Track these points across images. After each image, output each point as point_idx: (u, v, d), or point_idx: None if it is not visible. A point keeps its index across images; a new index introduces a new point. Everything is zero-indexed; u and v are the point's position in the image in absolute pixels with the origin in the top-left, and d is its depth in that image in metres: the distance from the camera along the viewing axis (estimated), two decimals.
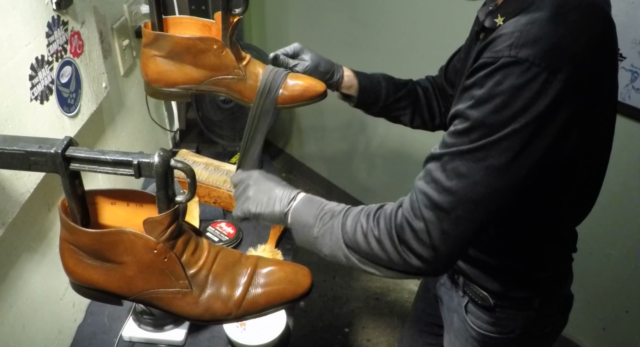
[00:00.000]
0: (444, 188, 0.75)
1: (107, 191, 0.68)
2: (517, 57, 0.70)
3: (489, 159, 0.73)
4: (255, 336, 1.13)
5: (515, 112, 0.71)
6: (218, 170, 1.55)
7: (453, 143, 0.76)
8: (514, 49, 0.71)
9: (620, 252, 1.79)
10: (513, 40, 0.71)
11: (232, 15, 0.99)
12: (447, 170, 0.75)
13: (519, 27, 0.72)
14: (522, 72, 0.70)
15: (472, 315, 1.08)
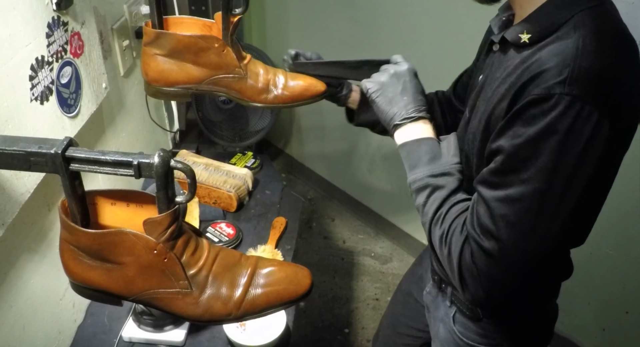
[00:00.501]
0: (492, 235, 0.75)
1: (107, 191, 0.67)
2: (573, 94, 0.68)
3: (541, 206, 0.72)
4: (255, 336, 1.13)
5: (568, 154, 0.70)
6: (218, 170, 1.55)
7: (498, 184, 0.75)
8: (568, 86, 0.69)
9: (620, 252, 1.79)
10: (566, 76, 0.69)
11: (233, 15, 0.99)
12: (495, 217, 0.75)
13: (568, 61, 0.70)
14: (577, 111, 0.68)
15: (459, 325, 1.07)
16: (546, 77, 0.71)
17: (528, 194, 0.72)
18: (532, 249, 0.75)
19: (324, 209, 2.87)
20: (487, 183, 0.77)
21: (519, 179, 0.73)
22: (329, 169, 2.87)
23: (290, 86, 1.05)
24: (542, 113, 0.70)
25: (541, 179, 0.71)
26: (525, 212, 0.73)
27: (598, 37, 0.72)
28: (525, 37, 0.78)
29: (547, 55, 0.73)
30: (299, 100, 1.07)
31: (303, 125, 2.91)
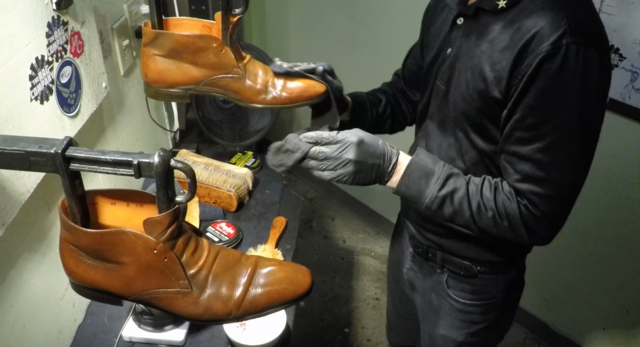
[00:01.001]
0: (551, 182, 0.86)
1: (107, 191, 0.67)
2: (577, 42, 0.78)
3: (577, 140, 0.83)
4: (255, 336, 1.13)
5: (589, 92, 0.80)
6: (218, 170, 1.55)
7: (534, 137, 0.84)
8: (570, 36, 0.78)
9: (620, 252, 1.79)
10: (565, 28, 0.78)
11: (232, 15, 0.99)
12: (543, 166, 0.85)
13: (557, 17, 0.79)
14: (584, 55, 0.78)
15: (453, 288, 1.12)
16: (545, 34, 0.79)
17: (566, 135, 0.82)
18: (581, 181, 0.89)
19: (324, 208, 2.87)
20: (521, 141, 0.86)
21: (553, 126, 0.82)
22: None
23: (289, 87, 1.05)
24: (558, 64, 0.79)
25: (573, 120, 0.81)
26: (569, 151, 0.84)
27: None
28: (502, 2, 0.87)
29: (533, 16, 0.82)
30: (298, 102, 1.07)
31: (303, 125, 2.91)
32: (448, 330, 1.18)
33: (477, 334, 1.17)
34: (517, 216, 0.89)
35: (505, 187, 0.91)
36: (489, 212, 0.90)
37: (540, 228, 0.90)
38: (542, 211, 0.87)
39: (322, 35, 2.48)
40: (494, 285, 1.11)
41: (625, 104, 1.56)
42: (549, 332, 2.13)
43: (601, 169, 1.72)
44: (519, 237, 0.91)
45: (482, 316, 1.15)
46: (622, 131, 1.62)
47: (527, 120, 0.84)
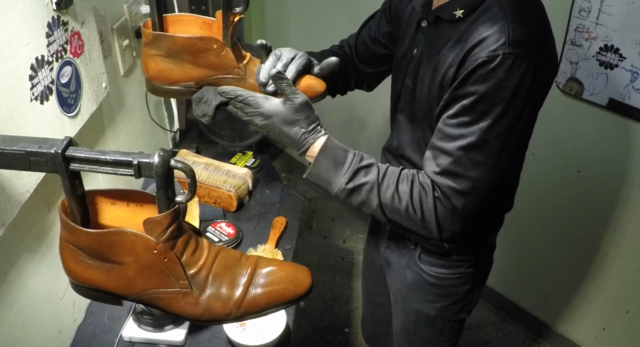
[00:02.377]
0: (466, 178, 0.90)
1: (107, 191, 0.67)
2: (514, 53, 0.84)
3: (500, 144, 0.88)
4: (255, 336, 1.13)
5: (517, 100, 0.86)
6: (218, 170, 1.55)
7: (460, 135, 0.89)
8: (508, 46, 0.84)
9: (620, 252, 1.79)
10: (505, 40, 0.84)
11: (233, 14, 0.99)
12: (464, 164, 0.90)
13: (504, 27, 0.85)
14: (519, 66, 0.84)
15: (426, 263, 1.18)
16: (488, 43, 0.85)
17: (489, 137, 0.88)
18: (497, 181, 0.93)
19: (324, 208, 2.87)
20: (447, 136, 0.91)
21: (479, 128, 0.87)
22: None
23: None
24: (492, 71, 0.84)
25: (498, 124, 0.87)
26: (489, 151, 0.89)
27: (518, 5, 0.88)
28: (459, 12, 0.92)
29: (483, 26, 0.88)
30: None
31: None
32: (422, 304, 1.23)
33: (449, 308, 1.23)
34: (430, 209, 0.92)
35: (422, 179, 0.94)
36: (403, 204, 0.93)
37: (449, 223, 0.93)
38: (454, 205, 0.92)
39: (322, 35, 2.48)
40: (465, 260, 1.16)
41: (625, 104, 1.56)
42: (549, 332, 2.13)
43: (601, 168, 1.72)
44: (427, 230, 0.95)
45: (454, 289, 1.20)
46: (622, 131, 1.62)
47: (457, 118, 0.89)
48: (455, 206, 0.92)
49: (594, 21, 1.54)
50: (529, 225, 2.01)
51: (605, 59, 1.56)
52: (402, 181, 0.94)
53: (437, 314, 1.23)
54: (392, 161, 1.20)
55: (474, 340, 2.20)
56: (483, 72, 0.85)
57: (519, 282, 2.17)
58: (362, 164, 0.94)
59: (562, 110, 1.74)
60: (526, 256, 2.08)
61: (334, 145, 0.95)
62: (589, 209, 1.81)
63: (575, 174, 1.80)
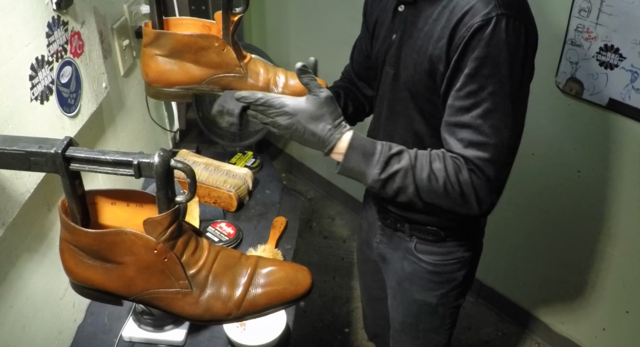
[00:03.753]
0: (490, 145, 0.91)
1: (107, 191, 0.67)
2: (506, 14, 0.86)
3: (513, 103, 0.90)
4: (255, 336, 1.13)
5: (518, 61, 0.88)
6: (218, 170, 1.55)
7: (473, 104, 0.90)
8: (500, 8, 0.86)
9: (620, 252, 1.79)
10: (495, 3, 0.87)
11: (233, 14, 0.99)
12: (482, 131, 0.90)
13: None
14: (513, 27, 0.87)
15: (422, 253, 1.19)
16: (478, 8, 0.87)
17: (500, 100, 0.89)
18: (515, 144, 0.95)
19: (324, 208, 2.87)
20: (461, 110, 0.91)
21: (489, 93, 0.88)
22: (329, 168, 2.87)
23: (290, 85, 1.05)
24: (490, 33, 0.86)
25: (505, 86, 0.88)
26: (504, 115, 0.90)
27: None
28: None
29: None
30: None
31: None
32: (423, 294, 1.24)
33: (449, 294, 1.24)
34: (468, 182, 0.93)
35: (452, 155, 0.94)
36: (440, 182, 0.93)
37: (486, 194, 0.94)
38: (487, 175, 0.92)
39: (322, 35, 2.48)
40: (461, 245, 1.18)
41: (625, 104, 1.56)
42: (549, 332, 2.13)
43: (601, 168, 1.72)
44: (467, 205, 0.94)
45: (452, 274, 1.21)
46: (622, 131, 1.62)
47: (465, 89, 0.90)
48: (488, 176, 0.92)
49: (594, 21, 1.54)
50: (529, 225, 2.01)
51: (605, 59, 1.56)
52: (434, 160, 0.94)
53: (439, 301, 1.24)
54: None
55: (474, 340, 2.20)
56: (481, 36, 0.86)
57: (519, 282, 2.17)
58: (392, 152, 0.94)
59: (562, 110, 1.74)
60: (526, 256, 2.08)
61: (360, 138, 0.95)
62: (589, 209, 1.81)
63: (575, 174, 1.80)
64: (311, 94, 0.92)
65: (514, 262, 2.15)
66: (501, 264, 2.18)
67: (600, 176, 1.73)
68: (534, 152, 1.87)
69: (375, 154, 0.93)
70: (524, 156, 1.91)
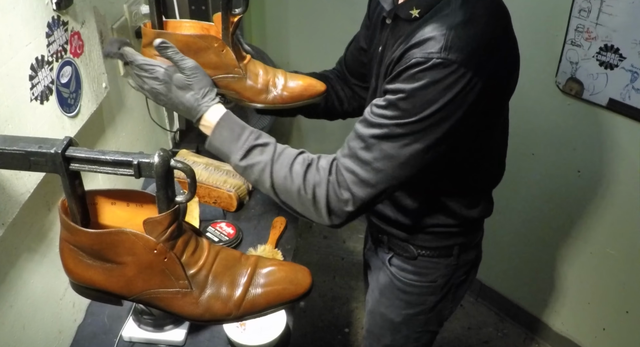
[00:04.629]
0: (372, 167, 0.87)
1: (107, 191, 0.68)
2: (448, 58, 0.81)
3: (415, 143, 0.86)
4: (255, 336, 1.13)
5: (444, 105, 0.83)
6: (218, 170, 1.55)
7: (378, 124, 0.87)
8: (444, 51, 0.81)
9: (620, 252, 1.79)
10: (442, 44, 0.82)
11: (232, 15, 0.99)
12: (374, 152, 0.87)
13: (445, 31, 0.83)
14: (451, 71, 0.81)
15: (396, 267, 1.19)
16: (427, 45, 0.84)
17: (406, 134, 0.85)
18: (404, 176, 0.89)
19: None
20: (367, 122, 0.89)
21: (397, 123, 0.85)
22: None
23: (289, 86, 1.05)
24: (422, 72, 0.82)
25: (417, 124, 0.85)
26: (402, 148, 0.86)
27: (469, 9, 0.85)
28: (415, 12, 0.91)
29: (429, 27, 0.85)
30: (299, 100, 1.07)
31: (303, 125, 2.91)
32: (388, 309, 1.23)
33: (415, 317, 1.22)
34: (323, 192, 0.89)
35: (321, 163, 0.92)
36: (295, 185, 0.90)
37: (339, 208, 0.90)
38: (351, 191, 0.88)
39: (322, 35, 2.48)
40: (434, 268, 1.16)
41: (625, 104, 1.56)
42: (549, 332, 2.13)
43: (601, 168, 1.72)
44: (318, 213, 0.91)
45: (421, 297, 1.19)
46: (622, 131, 1.62)
47: (380, 110, 0.87)
48: (352, 193, 0.88)
49: (594, 21, 1.54)
50: (529, 225, 2.01)
51: (605, 59, 1.56)
52: (297, 163, 0.91)
53: (403, 321, 1.22)
54: None
55: (474, 340, 2.20)
56: (412, 72, 0.83)
57: (519, 282, 2.17)
58: (257, 142, 0.92)
59: (562, 110, 1.74)
60: (526, 256, 2.08)
61: (231, 119, 0.94)
62: (589, 209, 1.81)
63: (575, 174, 1.80)
64: (177, 65, 0.93)
65: (513, 262, 2.15)
66: (501, 264, 2.18)
67: (600, 176, 1.73)
68: (534, 152, 1.87)
69: (241, 140, 0.92)
70: (524, 156, 1.92)
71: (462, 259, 1.18)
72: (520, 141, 1.79)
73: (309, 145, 2.94)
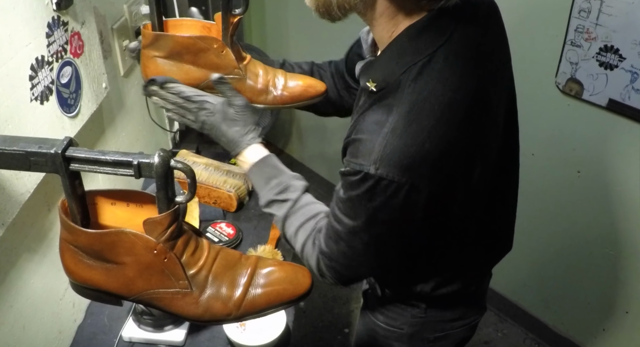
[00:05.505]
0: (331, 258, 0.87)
1: (107, 191, 0.68)
2: (377, 174, 0.73)
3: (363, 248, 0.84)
4: (255, 336, 1.13)
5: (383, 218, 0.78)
6: (218, 170, 1.55)
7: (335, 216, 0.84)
8: (375, 163, 0.73)
9: (620, 252, 1.79)
10: (375, 156, 0.73)
11: (232, 16, 0.99)
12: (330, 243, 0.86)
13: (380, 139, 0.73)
14: (384, 187, 0.74)
15: (369, 301, 1.16)
16: (361, 149, 0.75)
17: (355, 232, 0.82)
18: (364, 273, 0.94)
19: None
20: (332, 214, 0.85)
21: (344, 222, 0.82)
22: (329, 168, 2.87)
23: (289, 87, 1.05)
24: (357, 183, 0.76)
25: (364, 230, 0.81)
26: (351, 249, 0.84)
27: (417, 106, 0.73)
28: (372, 85, 0.78)
29: (369, 120, 0.76)
30: (299, 101, 1.07)
31: (303, 125, 2.91)
32: (362, 341, 1.21)
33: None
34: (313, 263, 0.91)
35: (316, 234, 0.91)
36: (297, 249, 0.95)
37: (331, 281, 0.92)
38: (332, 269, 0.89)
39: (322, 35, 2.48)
40: (399, 315, 1.08)
41: (625, 105, 1.56)
42: (549, 332, 2.13)
43: (601, 168, 1.72)
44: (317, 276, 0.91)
45: (387, 341, 1.13)
46: (622, 131, 1.62)
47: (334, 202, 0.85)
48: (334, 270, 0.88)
49: (594, 22, 1.54)
50: (529, 225, 2.01)
51: (605, 59, 1.56)
52: (304, 229, 0.92)
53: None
54: None
55: (474, 340, 2.19)
56: (348, 181, 0.78)
57: (519, 282, 2.17)
58: (277, 198, 0.93)
59: (562, 111, 1.74)
60: (526, 256, 2.08)
61: (266, 164, 0.96)
62: (588, 209, 1.81)
63: (575, 174, 1.80)
64: (230, 100, 0.97)
65: (513, 262, 2.14)
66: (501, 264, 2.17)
67: (600, 176, 1.73)
68: (534, 152, 1.87)
69: (265, 189, 0.95)
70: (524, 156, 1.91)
71: (432, 315, 1.06)
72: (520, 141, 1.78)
73: (309, 145, 2.94)
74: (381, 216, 0.78)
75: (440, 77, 0.74)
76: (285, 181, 0.93)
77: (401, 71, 0.75)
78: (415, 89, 0.74)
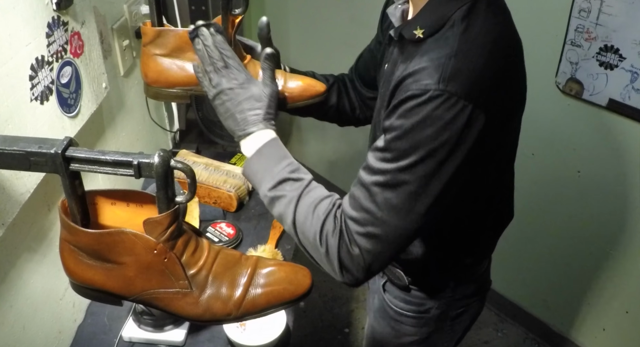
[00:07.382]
0: (376, 218, 0.79)
1: (107, 191, 0.68)
2: (446, 90, 0.73)
3: (419, 189, 0.77)
4: (255, 336, 1.13)
5: (444, 143, 0.75)
6: (218, 170, 1.55)
7: (380, 170, 0.79)
8: (441, 83, 0.73)
9: (620, 252, 1.79)
10: (440, 75, 0.74)
11: (232, 16, 0.99)
12: (378, 202, 0.79)
13: (443, 60, 0.75)
14: (451, 105, 0.73)
15: (389, 293, 1.14)
16: (423, 75, 0.75)
17: (408, 179, 0.77)
18: (413, 227, 0.80)
19: None
20: (369, 169, 0.81)
21: (398, 167, 0.77)
22: (329, 168, 2.87)
23: (289, 87, 1.05)
24: (418, 106, 0.74)
25: (418, 166, 0.76)
26: (405, 195, 0.78)
27: (472, 36, 0.78)
28: (419, 32, 0.82)
29: (428, 54, 0.78)
30: (299, 101, 1.07)
31: (303, 125, 2.91)
32: (380, 335, 1.20)
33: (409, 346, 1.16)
34: (334, 247, 0.82)
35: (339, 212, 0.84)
36: (311, 232, 0.83)
37: (352, 267, 0.82)
38: (360, 246, 0.80)
39: (322, 36, 2.48)
40: (427, 299, 1.08)
41: (625, 105, 1.56)
42: (549, 332, 2.13)
43: (601, 168, 1.72)
44: (331, 267, 0.83)
45: (413, 328, 1.13)
46: (622, 131, 1.62)
47: (380, 152, 0.79)
48: (360, 247, 0.80)
49: (594, 21, 1.54)
50: (529, 225, 2.01)
51: (605, 59, 1.56)
52: (322, 205, 0.84)
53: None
54: None
55: (474, 340, 2.20)
56: (408, 107, 0.75)
57: (519, 282, 2.17)
58: (290, 176, 0.86)
59: (562, 110, 1.74)
60: (526, 256, 2.08)
61: (278, 146, 0.89)
62: (588, 209, 1.81)
63: (575, 174, 1.80)
64: (266, 80, 0.92)
65: (513, 262, 2.15)
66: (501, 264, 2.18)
67: (600, 176, 1.73)
68: (534, 152, 1.87)
69: (276, 168, 0.87)
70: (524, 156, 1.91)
71: (459, 292, 1.10)
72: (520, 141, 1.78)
73: (309, 145, 2.94)
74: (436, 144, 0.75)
75: (487, 16, 0.80)
76: (296, 163, 0.89)
77: (451, 12, 0.80)
78: (469, 24, 0.79)
